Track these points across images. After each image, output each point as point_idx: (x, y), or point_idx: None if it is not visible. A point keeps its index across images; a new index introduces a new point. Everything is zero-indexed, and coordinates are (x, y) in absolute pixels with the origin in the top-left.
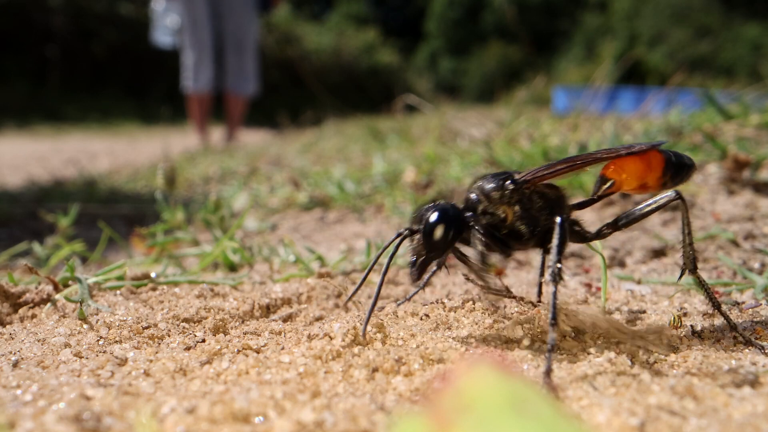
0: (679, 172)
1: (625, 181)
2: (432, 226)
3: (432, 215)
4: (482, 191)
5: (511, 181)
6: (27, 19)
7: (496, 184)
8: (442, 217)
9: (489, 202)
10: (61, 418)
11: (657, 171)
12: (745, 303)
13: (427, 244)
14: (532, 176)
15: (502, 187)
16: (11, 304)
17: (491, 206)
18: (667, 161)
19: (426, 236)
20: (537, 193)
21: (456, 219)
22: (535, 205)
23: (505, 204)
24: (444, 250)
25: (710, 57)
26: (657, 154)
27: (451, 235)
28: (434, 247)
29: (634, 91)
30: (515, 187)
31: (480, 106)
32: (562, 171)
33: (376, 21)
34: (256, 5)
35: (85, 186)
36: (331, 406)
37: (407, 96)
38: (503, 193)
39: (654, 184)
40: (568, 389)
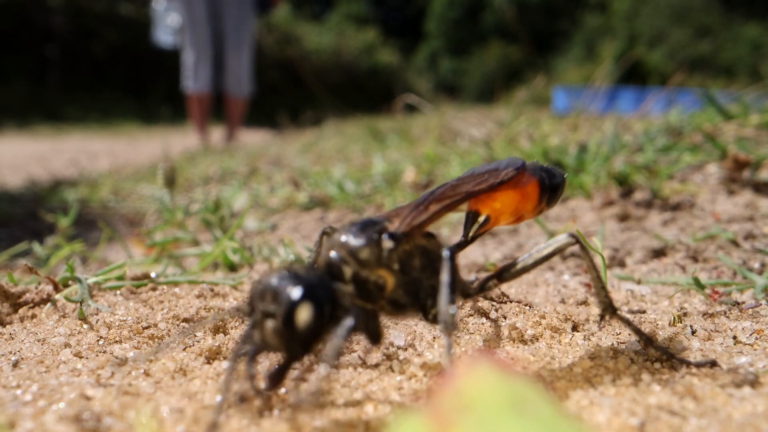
0: (554, 193)
1: (501, 216)
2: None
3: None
4: (349, 250)
5: (389, 235)
6: (27, 19)
7: (367, 240)
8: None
9: (360, 266)
10: (61, 418)
11: (533, 199)
12: (745, 303)
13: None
14: (409, 225)
15: (378, 245)
16: (11, 304)
17: (364, 270)
18: (542, 185)
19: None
20: (416, 247)
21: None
22: (416, 265)
23: (383, 266)
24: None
25: (710, 57)
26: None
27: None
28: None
29: (634, 91)
30: (395, 243)
31: (480, 106)
32: (437, 214)
33: (376, 21)
34: (255, 5)
35: (86, 186)
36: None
37: (407, 96)
38: (380, 252)
39: (530, 213)
40: (568, 389)
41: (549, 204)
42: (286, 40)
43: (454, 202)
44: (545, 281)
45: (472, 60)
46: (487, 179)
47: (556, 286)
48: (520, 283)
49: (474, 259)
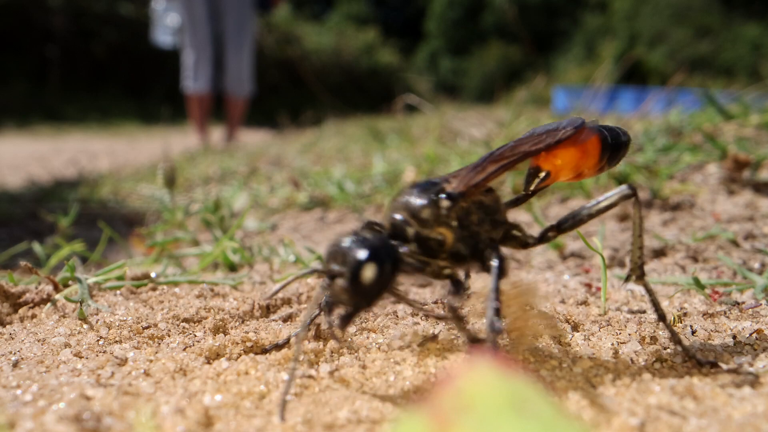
0: (616, 152)
1: (560, 172)
2: (359, 266)
3: (358, 252)
4: (410, 211)
5: (446, 195)
6: (27, 19)
7: (427, 201)
8: (374, 254)
9: (421, 225)
10: (61, 418)
11: (593, 156)
12: (745, 303)
13: (355, 290)
14: (466, 185)
15: (437, 205)
16: (11, 304)
17: (425, 229)
18: (603, 143)
19: (353, 281)
20: (475, 204)
21: (389, 253)
22: (474, 220)
23: (442, 224)
24: (378, 297)
25: (710, 57)
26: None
27: (387, 276)
28: (366, 294)
29: (634, 91)
30: (452, 202)
31: (480, 106)
32: (494, 174)
33: (376, 21)
34: (256, 5)
35: (86, 186)
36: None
37: (407, 96)
38: (439, 211)
39: (591, 170)
40: (568, 389)
41: (610, 162)
42: (286, 40)
43: (512, 161)
44: (545, 281)
45: (472, 60)
46: (544, 139)
47: (556, 286)
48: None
49: None
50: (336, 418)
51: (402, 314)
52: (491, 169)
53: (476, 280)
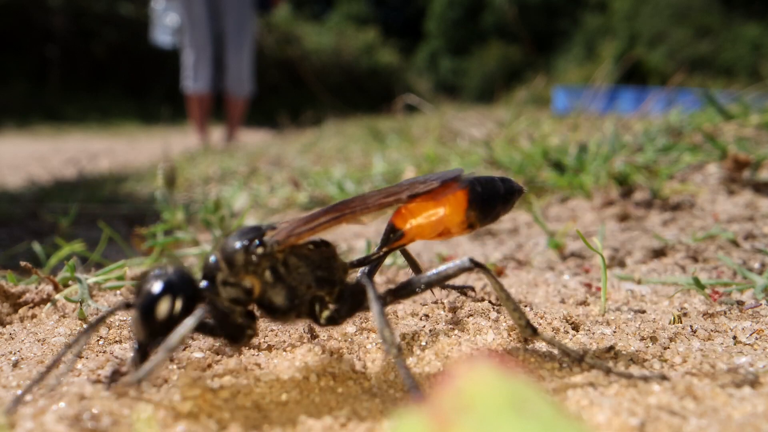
0: (489, 208)
1: (418, 231)
2: (151, 301)
3: (153, 286)
4: (223, 254)
5: (260, 242)
6: (27, 19)
7: (239, 246)
8: (165, 290)
9: (231, 270)
10: (61, 418)
11: (458, 213)
12: (745, 303)
13: (144, 323)
14: (287, 235)
15: (247, 251)
16: (11, 304)
17: (233, 275)
18: (471, 197)
19: (143, 314)
20: (296, 256)
21: (184, 292)
22: (293, 272)
23: (251, 273)
24: (165, 333)
25: (710, 57)
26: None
27: (176, 314)
28: (154, 328)
29: (634, 91)
30: (264, 250)
31: (480, 106)
32: (324, 225)
33: (376, 21)
34: (256, 5)
35: (86, 186)
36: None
37: (407, 96)
38: (248, 258)
39: (457, 229)
40: (568, 389)
41: (485, 218)
42: (286, 40)
43: (349, 214)
44: (545, 281)
45: (472, 60)
46: (398, 193)
47: (556, 287)
48: (520, 283)
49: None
50: (336, 417)
51: (402, 314)
52: (322, 219)
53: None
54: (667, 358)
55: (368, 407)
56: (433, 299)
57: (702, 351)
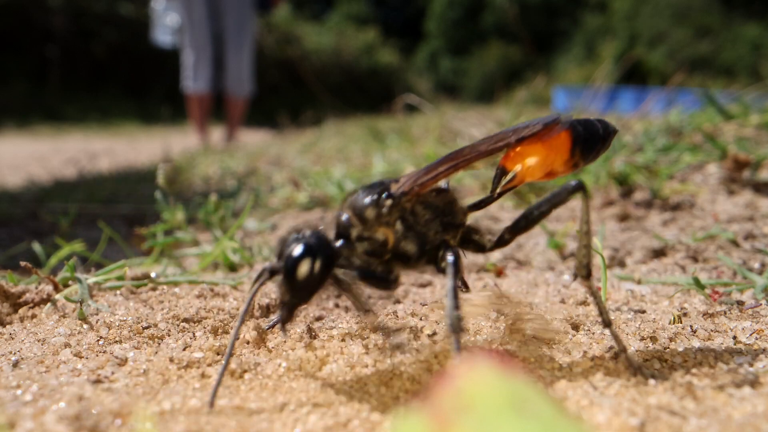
0: (591, 147)
1: (528, 172)
2: (293, 263)
3: (293, 249)
4: (354, 211)
5: (388, 195)
6: (27, 19)
7: (369, 201)
8: (306, 252)
9: (363, 225)
10: (61, 418)
11: (563, 152)
12: (745, 303)
13: (290, 285)
14: (411, 185)
15: (377, 205)
16: (11, 304)
17: (367, 229)
18: (575, 137)
19: (288, 276)
20: (421, 204)
21: (323, 252)
22: (421, 219)
23: (383, 225)
24: (312, 292)
25: (710, 57)
26: (561, 130)
27: (318, 274)
28: (300, 289)
29: (634, 91)
30: (393, 202)
31: (480, 106)
32: (444, 173)
33: (376, 21)
34: (256, 5)
35: (86, 186)
36: (334, 405)
37: (407, 96)
38: (379, 211)
39: (562, 168)
40: (568, 389)
41: (585, 158)
42: (286, 40)
43: (466, 160)
44: (545, 281)
45: (472, 60)
46: (507, 137)
47: (556, 286)
48: (520, 283)
49: (474, 260)
50: (337, 415)
51: (402, 314)
52: (442, 168)
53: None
54: (667, 358)
55: (369, 407)
56: (433, 299)
57: (702, 351)
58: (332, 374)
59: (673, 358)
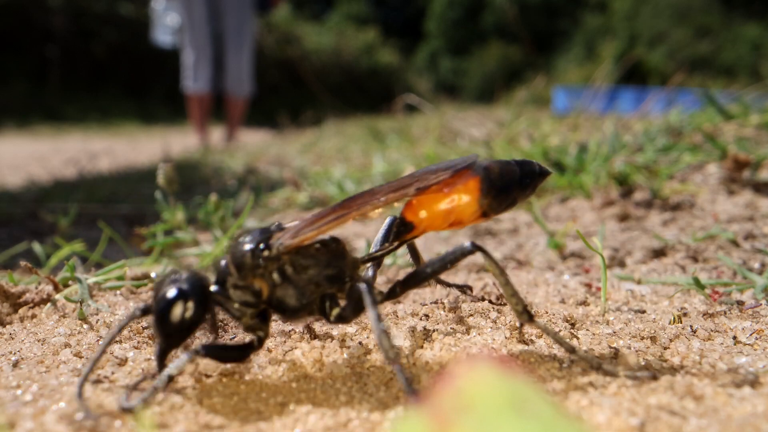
0: (504, 194)
1: (429, 222)
2: (165, 306)
3: (166, 292)
4: (232, 258)
5: (266, 245)
6: (27, 19)
7: (246, 250)
8: (178, 296)
9: (239, 273)
10: (61, 418)
11: (470, 202)
12: (745, 303)
13: (161, 328)
14: (292, 237)
15: (254, 255)
16: (11, 304)
17: (242, 278)
18: (484, 186)
19: (159, 319)
20: (303, 256)
21: (196, 296)
22: (301, 272)
23: (258, 276)
24: (183, 336)
25: (710, 57)
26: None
27: (189, 319)
28: (170, 333)
29: (634, 91)
30: (269, 254)
31: (480, 106)
32: (330, 224)
33: (376, 21)
34: (255, 5)
35: (86, 186)
36: (335, 405)
37: (407, 96)
38: (255, 261)
39: (469, 218)
40: (568, 389)
41: (500, 205)
42: (286, 40)
43: (355, 212)
44: (545, 281)
45: (472, 60)
46: (407, 186)
47: (556, 286)
48: (520, 283)
49: (474, 259)
50: (337, 415)
51: (402, 314)
52: (329, 218)
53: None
54: (667, 358)
55: (369, 407)
56: (433, 299)
57: (702, 351)
58: (332, 374)
59: (673, 358)
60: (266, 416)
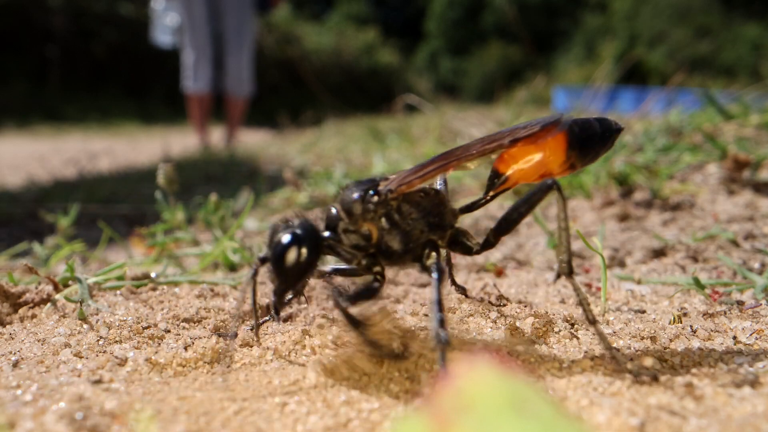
0: (588, 149)
1: (521, 174)
2: (281, 251)
3: (281, 238)
4: (342, 205)
5: (374, 191)
6: (27, 19)
7: (356, 197)
8: (293, 241)
9: (350, 218)
10: (61, 417)
11: (558, 155)
12: (745, 303)
13: (277, 271)
14: (398, 183)
15: (364, 200)
16: (11, 304)
17: (352, 223)
18: (570, 139)
19: (275, 263)
20: (408, 203)
21: (309, 241)
22: (406, 218)
23: (368, 220)
24: (298, 279)
25: (710, 57)
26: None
27: (304, 262)
28: (286, 276)
29: (634, 91)
30: (378, 199)
31: (480, 106)
32: (432, 173)
33: (376, 21)
34: (255, 5)
35: (86, 186)
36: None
37: (407, 96)
38: (365, 207)
39: (558, 170)
40: (568, 389)
41: (584, 158)
42: (286, 40)
43: (455, 161)
44: (545, 281)
45: (472, 60)
46: (500, 139)
47: (556, 286)
48: (520, 283)
49: (474, 259)
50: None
51: (402, 314)
52: (430, 168)
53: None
54: (667, 358)
55: (369, 407)
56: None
57: (702, 351)
58: (332, 374)
59: (673, 358)
60: (266, 416)
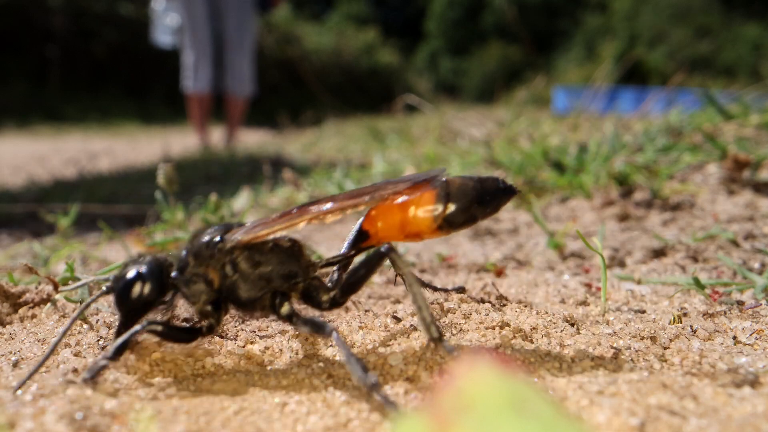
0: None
1: (386, 233)
2: (123, 285)
3: (126, 273)
4: (190, 249)
5: (220, 239)
6: (27, 19)
7: (203, 242)
8: (137, 277)
9: (196, 262)
10: (61, 417)
11: (425, 217)
12: (745, 303)
13: (119, 305)
14: (245, 234)
15: (208, 246)
16: (11, 304)
17: (197, 267)
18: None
19: (117, 296)
20: (258, 252)
21: (153, 279)
22: (252, 268)
23: (212, 266)
24: (138, 315)
25: (710, 57)
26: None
27: (145, 298)
28: (128, 310)
29: (634, 91)
30: (224, 247)
31: (480, 106)
32: (284, 226)
33: (376, 21)
34: (256, 5)
35: (86, 186)
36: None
37: (407, 96)
38: (210, 253)
39: (427, 231)
40: (568, 389)
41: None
42: (286, 40)
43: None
44: (545, 281)
45: (472, 60)
46: (361, 195)
47: (556, 286)
48: (521, 283)
49: (474, 259)
50: (337, 414)
51: (402, 314)
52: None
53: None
54: (667, 358)
55: (368, 407)
56: (432, 300)
57: (702, 351)
58: (332, 374)
59: (673, 358)
60: (266, 416)
